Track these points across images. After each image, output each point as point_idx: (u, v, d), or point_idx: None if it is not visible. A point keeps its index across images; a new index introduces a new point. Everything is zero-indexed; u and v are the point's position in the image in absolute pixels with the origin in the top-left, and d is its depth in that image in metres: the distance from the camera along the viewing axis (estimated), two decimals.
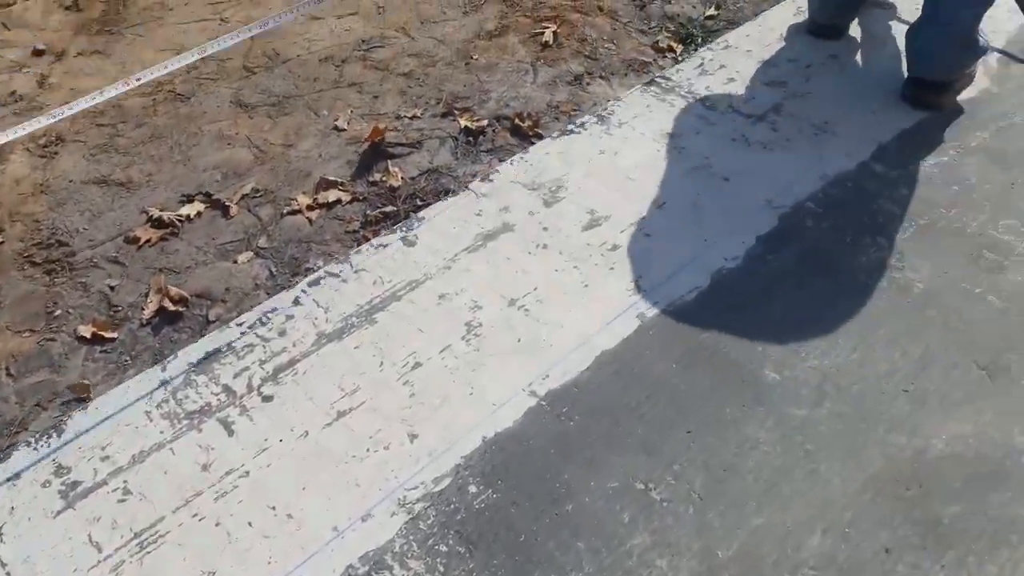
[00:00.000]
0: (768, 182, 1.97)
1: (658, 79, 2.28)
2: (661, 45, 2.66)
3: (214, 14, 2.80)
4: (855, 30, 2.44)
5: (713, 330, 1.67)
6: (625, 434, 1.51)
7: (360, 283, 1.77)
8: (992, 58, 2.34)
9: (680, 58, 2.62)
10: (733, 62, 2.34)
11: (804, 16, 2.48)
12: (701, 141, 2.08)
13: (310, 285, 1.78)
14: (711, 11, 2.81)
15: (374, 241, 1.85)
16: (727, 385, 1.57)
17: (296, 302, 1.74)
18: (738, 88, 2.24)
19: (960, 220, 1.88)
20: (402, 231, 1.87)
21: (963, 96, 2.21)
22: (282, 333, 1.68)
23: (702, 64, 2.33)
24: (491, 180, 1.98)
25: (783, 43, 2.41)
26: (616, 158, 2.04)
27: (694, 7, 2.83)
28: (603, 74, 2.55)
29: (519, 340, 1.66)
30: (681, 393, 1.57)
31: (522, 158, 2.04)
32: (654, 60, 2.62)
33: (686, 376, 1.59)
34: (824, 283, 1.75)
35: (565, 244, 1.84)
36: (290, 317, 1.72)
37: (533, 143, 2.28)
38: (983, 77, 2.27)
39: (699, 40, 2.68)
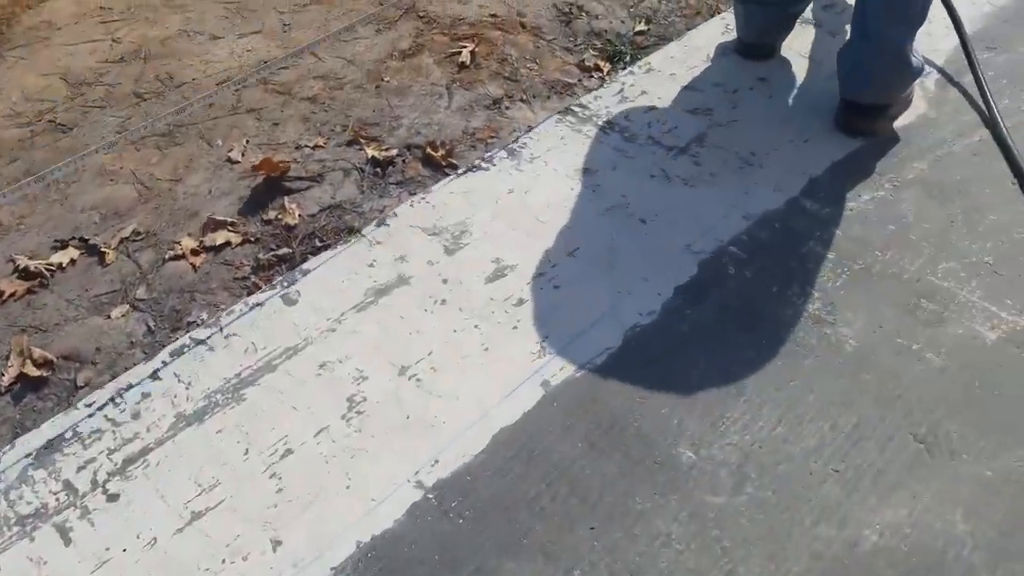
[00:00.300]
0: (688, 223, 1.75)
1: (574, 107, 2.05)
2: (587, 64, 2.44)
3: (105, 34, 2.51)
4: (788, 49, 2.23)
5: (624, 400, 1.45)
6: (521, 534, 1.28)
7: (230, 351, 1.53)
8: (930, 79, 2.15)
9: (607, 78, 2.40)
10: (655, 87, 2.11)
11: (733, 35, 2.26)
12: (618, 177, 1.85)
13: (172, 355, 1.52)
14: (640, 26, 2.59)
15: (249, 299, 1.60)
16: (638, 469, 1.36)
17: (155, 376, 1.49)
18: (660, 116, 2.02)
19: (896, 264, 1.68)
20: (283, 286, 1.62)
21: (899, 122, 2.01)
22: (136, 415, 1.43)
23: (622, 90, 2.10)
24: (388, 224, 1.74)
25: (710, 65, 2.19)
26: (526, 197, 1.81)
27: (622, 22, 2.60)
28: (524, 97, 2.31)
29: (408, 417, 1.42)
30: (586, 480, 1.35)
31: (423, 199, 1.80)
32: (579, 80, 2.39)
33: (592, 458, 1.37)
34: (747, 341, 1.54)
35: (466, 299, 1.60)
36: (146, 395, 1.46)
37: (447, 174, 2.04)
38: (920, 101, 2.08)
39: (627, 57, 2.46)
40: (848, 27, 2.13)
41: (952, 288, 1.63)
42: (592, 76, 2.43)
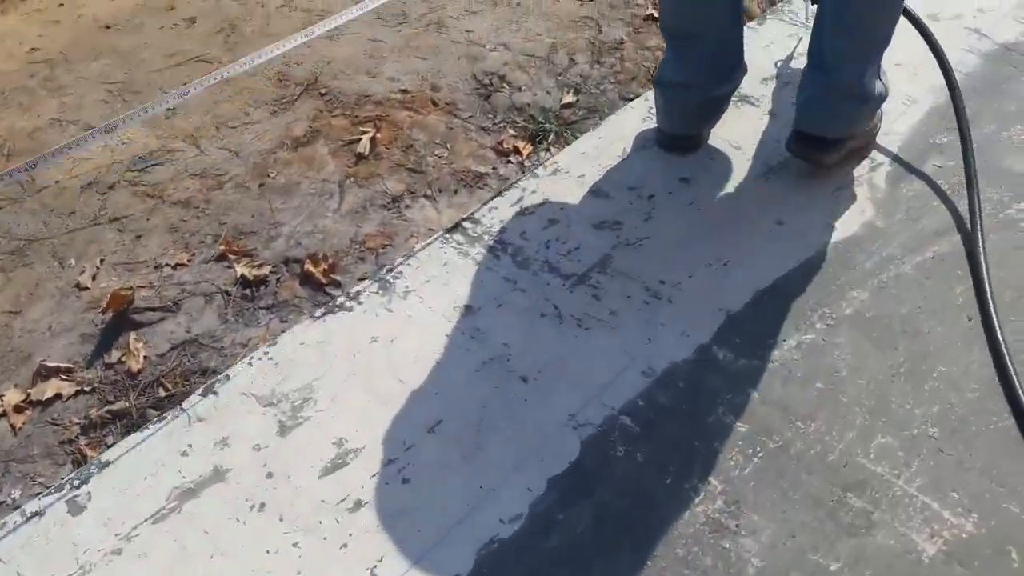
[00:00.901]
0: (577, 383, 1.40)
1: (464, 224, 1.70)
2: (505, 146, 2.09)
3: None
4: (718, 137, 1.87)
5: None
6: None
7: None
8: (880, 174, 1.78)
9: (526, 161, 2.06)
10: (560, 194, 1.76)
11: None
12: (503, 319, 1.51)
13: None
14: (569, 97, 2.23)
15: (27, 507, 1.27)
16: None
17: None
18: (561, 233, 1.67)
19: (821, 440, 1.33)
20: (72, 486, 1.29)
21: (841, 233, 1.65)
22: None
23: (521, 199, 1.75)
24: (216, 393, 1.40)
25: (626, 162, 1.83)
26: (392, 348, 1.47)
27: (549, 93, 2.25)
28: (428, 192, 1.97)
29: None
30: None
31: (267, 354, 1.46)
32: (493, 168, 2.04)
33: None
34: (627, 563, 1.20)
35: (291, 502, 1.27)
36: None
37: (328, 295, 1.71)
38: (867, 203, 1.71)
39: (551, 135, 2.11)
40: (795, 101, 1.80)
41: (886, 476, 1.27)
42: (510, 161, 2.08)
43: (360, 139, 2.08)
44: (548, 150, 2.10)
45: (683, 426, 1.33)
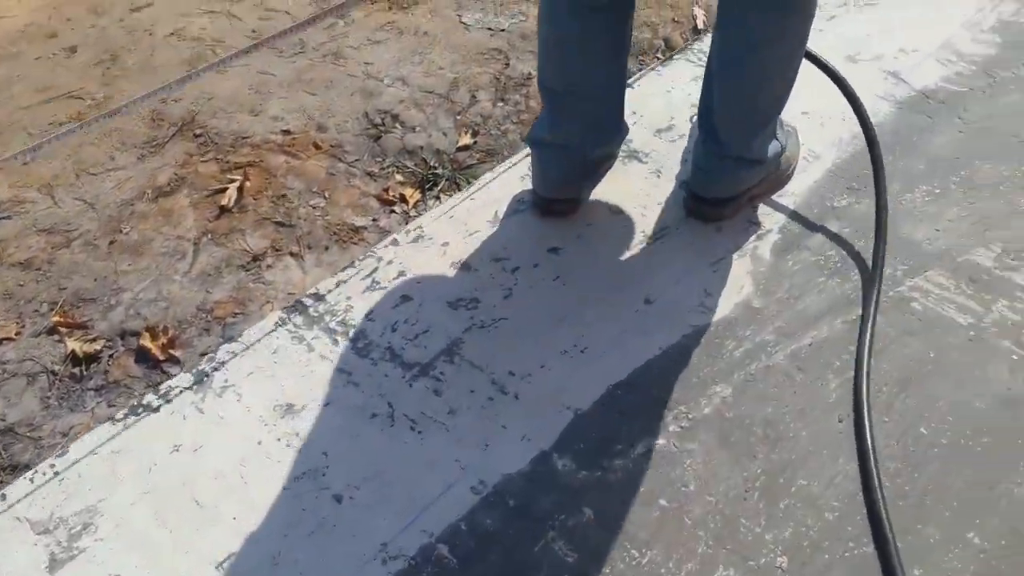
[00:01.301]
0: (396, 502, 1.24)
1: (306, 302, 1.52)
2: (391, 194, 1.91)
3: None
4: (598, 198, 1.69)
5: None
6: None
7: None
8: (766, 243, 1.61)
9: (411, 211, 1.88)
10: (419, 265, 1.58)
11: None
12: (327, 421, 1.34)
13: None
14: (466, 139, 2.05)
15: None
16: None
17: None
18: (411, 314, 1.49)
19: (656, 574, 1.17)
20: None
21: (711, 317, 1.48)
22: None
23: (375, 272, 1.57)
24: None
25: (496, 228, 1.65)
26: (195, 460, 1.29)
27: (444, 134, 2.06)
28: (295, 250, 1.79)
29: None
30: None
31: (53, 466, 1.28)
32: (374, 220, 1.86)
33: None
34: None
35: None
36: None
37: (165, 372, 1.54)
38: (746, 278, 1.54)
39: (444, 181, 1.93)
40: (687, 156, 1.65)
41: None
42: (393, 211, 1.90)
43: (227, 188, 1.90)
44: (438, 197, 1.92)
45: (505, 558, 1.17)
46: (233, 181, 1.90)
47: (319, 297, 1.50)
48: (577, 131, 1.54)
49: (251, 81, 2.22)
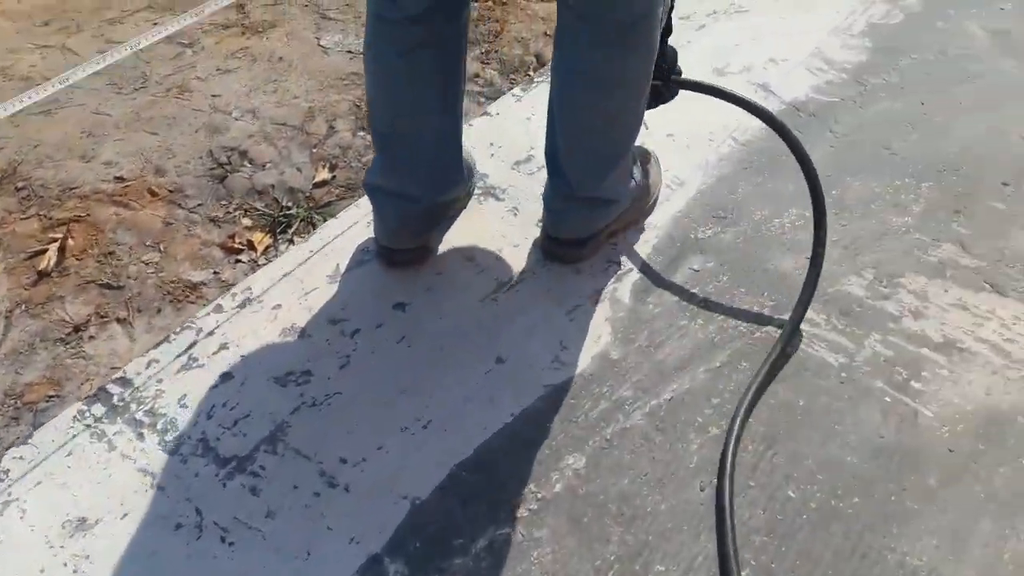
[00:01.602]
0: None
1: (109, 389, 1.32)
2: (236, 242, 1.71)
3: None
4: (450, 245, 1.52)
5: None
6: None
7: None
8: (626, 284, 1.46)
9: (259, 259, 1.68)
10: (245, 334, 1.39)
11: None
12: (123, 536, 1.14)
13: None
14: (324, 174, 1.86)
15: None
16: None
17: None
18: (232, 395, 1.30)
19: None
20: None
21: (566, 373, 1.32)
22: None
23: (193, 347, 1.37)
24: None
25: (336, 284, 1.47)
26: None
27: (299, 170, 1.87)
28: (122, 315, 1.58)
29: None
30: None
31: None
32: (215, 273, 1.66)
33: None
34: None
35: None
36: None
37: None
38: (604, 327, 1.39)
39: (298, 222, 1.74)
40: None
41: None
42: (239, 260, 1.70)
43: (47, 249, 1.67)
44: (292, 240, 1.73)
45: None
46: (54, 241, 1.68)
47: (126, 382, 1.30)
48: (411, 178, 1.37)
49: (84, 123, 1.99)
